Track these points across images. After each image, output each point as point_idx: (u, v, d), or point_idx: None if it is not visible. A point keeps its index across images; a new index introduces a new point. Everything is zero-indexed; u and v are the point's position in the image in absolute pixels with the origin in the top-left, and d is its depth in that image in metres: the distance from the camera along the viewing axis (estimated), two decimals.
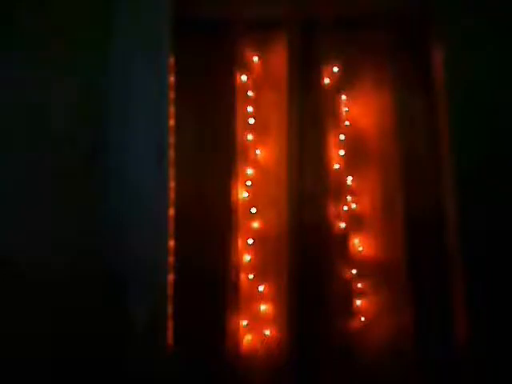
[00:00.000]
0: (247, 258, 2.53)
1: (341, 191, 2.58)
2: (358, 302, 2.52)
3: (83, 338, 2.19)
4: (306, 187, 2.57)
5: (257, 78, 2.66)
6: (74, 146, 2.31)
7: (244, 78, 2.64)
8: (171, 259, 2.36)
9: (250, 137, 2.61)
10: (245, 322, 2.48)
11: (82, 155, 2.31)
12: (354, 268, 2.53)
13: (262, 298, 2.52)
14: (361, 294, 2.53)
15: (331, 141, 2.62)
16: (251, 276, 2.52)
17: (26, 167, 2.29)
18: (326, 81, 2.65)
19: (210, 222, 2.52)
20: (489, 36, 2.41)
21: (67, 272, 2.23)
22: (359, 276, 2.53)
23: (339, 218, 2.56)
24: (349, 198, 2.58)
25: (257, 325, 2.50)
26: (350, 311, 2.50)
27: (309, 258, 2.51)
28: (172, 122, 2.43)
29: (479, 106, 2.37)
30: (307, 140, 2.60)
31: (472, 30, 2.40)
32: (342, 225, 2.56)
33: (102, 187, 2.28)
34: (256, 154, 2.61)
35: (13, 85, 2.33)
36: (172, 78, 2.45)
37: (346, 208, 2.57)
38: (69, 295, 2.22)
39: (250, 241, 2.54)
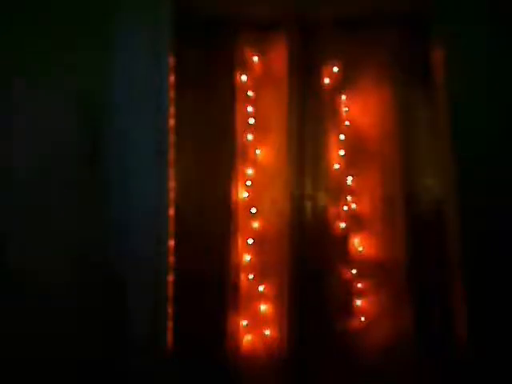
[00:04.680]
0: (247, 258, 2.53)
1: (341, 191, 2.58)
2: (358, 302, 2.52)
3: (83, 337, 2.19)
4: (306, 187, 2.57)
5: (257, 77, 2.66)
6: (74, 146, 2.31)
7: (244, 78, 2.64)
8: (171, 259, 2.36)
9: (250, 137, 2.61)
10: (245, 322, 2.49)
11: (82, 155, 2.31)
12: (354, 268, 2.54)
13: (262, 297, 2.52)
14: (361, 294, 2.53)
15: (331, 141, 2.62)
16: (251, 276, 2.53)
17: (26, 168, 2.29)
18: (326, 81, 2.65)
19: (210, 222, 2.52)
20: (489, 36, 2.40)
21: (67, 272, 2.23)
22: (359, 276, 2.54)
23: (339, 217, 2.56)
24: (349, 198, 2.58)
25: (257, 325, 2.50)
26: (349, 311, 2.50)
27: (309, 258, 2.51)
28: (172, 122, 2.43)
29: (479, 105, 2.37)
30: (307, 140, 2.60)
31: (472, 29, 2.40)
32: (342, 225, 2.56)
33: (103, 187, 2.28)
34: (256, 154, 2.61)
35: (14, 84, 2.33)
36: (172, 78, 2.45)
37: (345, 208, 2.57)
38: (69, 295, 2.22)
39: (250, 241, 2.54)
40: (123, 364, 2.18)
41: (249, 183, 2.58)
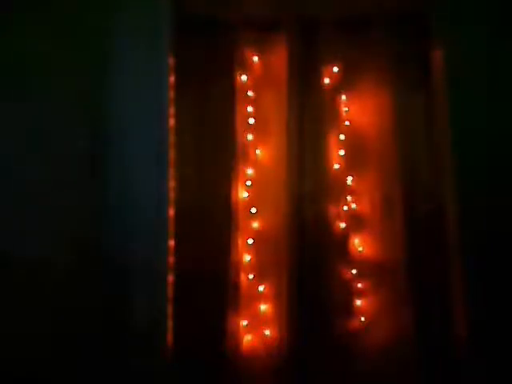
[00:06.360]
0: (247, 258, 2.53)
1: (341, 191, 2.58)
2: (358, 302, 2.52)
3: (83, 337, 2.20)
4: (306, 187, 2.56)
5: (257, 78, 2.66)
6: (74, 145, 2.31)
7: (244, 77, 2.64)
8: (171, 259, 2.36)
9: (250, 137, 2.61)
10: (245, 322, 2.49)
11: (82, 154, 2.31)
12: (354, 268, 2.53)
13: (261, 297, 2.52)
14: (361, 294, 2.52)
15: (331, 141, 2.62)
16: (251, 276, 2.53)
17: (26, 166, 2.29)
18: (326, 81, 2.65)
19: (210, 222, 2.52)
20: (489, 36, 2.40)
21: (67, 272, 2.24)
22: (359, 276, 2.53)
23: (339, 217, 2.56)
24: (349, 198, 2.58)
25: (257, 325, 2.50)
26: (349, 311, 2.50)
27: (309, 258, 2.51)
28: (172, 122, 2.43)
29: (479, 105, 2.37)
30: (307, 140, 2.60)
31: (472, 29, 2.40)
32: (342, 225, 2.56)
33: (103, 187, 2.28)
34: (256, 154, 2.61)
35: (14, 84, 2.34)
36: (172, 78, 2.45)
37: (346, 208, 2.57)
38: (69, 295, 2.22)
39: (250, 241, 2.54)
40: (123, 364, 2.18)
41: (249, 183, 2.58)
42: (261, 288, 2.53)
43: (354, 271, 2.53)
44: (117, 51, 2.35)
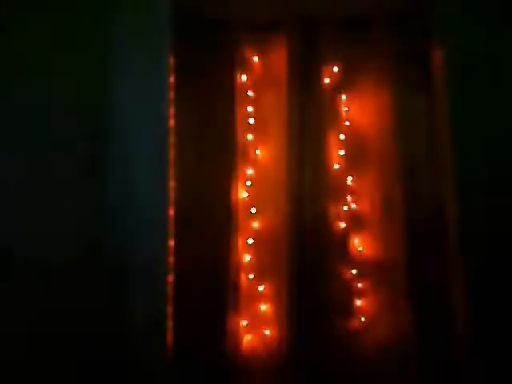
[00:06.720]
0: (247, 258, 2.53)
1: (341, 191, 2.58)
2: (358, 302, 2.52)
3: (83, 338, 2.20)
4: (306, 187, 2.56)
5: (257, 78, 2.66)
6: (74, 145, 2.31)
7: (244, 77, 2.64)
8: (171, 259, 2.36)
9: (250, 137, 2.61)
10: (245, 322, 2.49)
11: (82, 155, 2.31)
12: (354, 268, 2.53)
13: (261, 298, 2.52)
14: (361, 294, 2.53)
15: (331, 141, 2.62)
16: (251, 276, 2.53)
17: (26, 166, 2.29)
18: (326, 81, 2.65)
19: (210, 222, 2.52)
20: (488, 36, 2.40)
21: (67, 272, 2.23)
22: (359, 276, 2.53)
23: (339, 218, 2.56)
24: (349, 198, 2.58)
25: (257, 325, 2.50)
26: (349, 311, 2.50)
27: (309, 258, 2.51)
28: (172, 122, 2.43)
29: (479, 105, 2.37)
30: (307, 140, 2.60)
31: (472, 29, 2.40)
32: (342, 225, 2.56)
33: (102, 187, 2.28)
34: (256, 154, 2.61)
35: (14, 84, 2.33)
36: (172, 78, 2.45)
37: (345, 208, 2.57)
38: (69, 296, 2.22)
39: (250, 241, 2.54)
40: (123, 364, 2.18)
41: (249, 183, 2.58)
42: (261, 288, 2.53)
43: (354, 271, 2.53)
44: (117, 51, 2.34)
